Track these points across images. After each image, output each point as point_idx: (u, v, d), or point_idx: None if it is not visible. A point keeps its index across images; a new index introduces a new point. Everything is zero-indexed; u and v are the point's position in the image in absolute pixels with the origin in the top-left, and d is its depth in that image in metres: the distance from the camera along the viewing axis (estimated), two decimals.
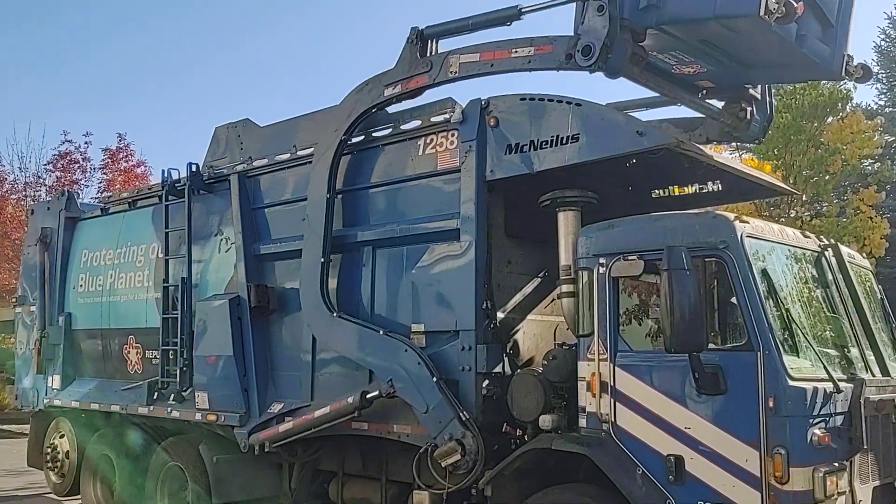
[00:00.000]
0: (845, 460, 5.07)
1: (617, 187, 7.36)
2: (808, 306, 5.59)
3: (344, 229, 7.31)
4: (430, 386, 6.17)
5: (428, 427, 6.25)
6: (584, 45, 5.56)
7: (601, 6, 5.49)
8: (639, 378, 5.44)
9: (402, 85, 6.70)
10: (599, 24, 5.50)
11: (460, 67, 6.38)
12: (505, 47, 6.10)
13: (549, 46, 5.87)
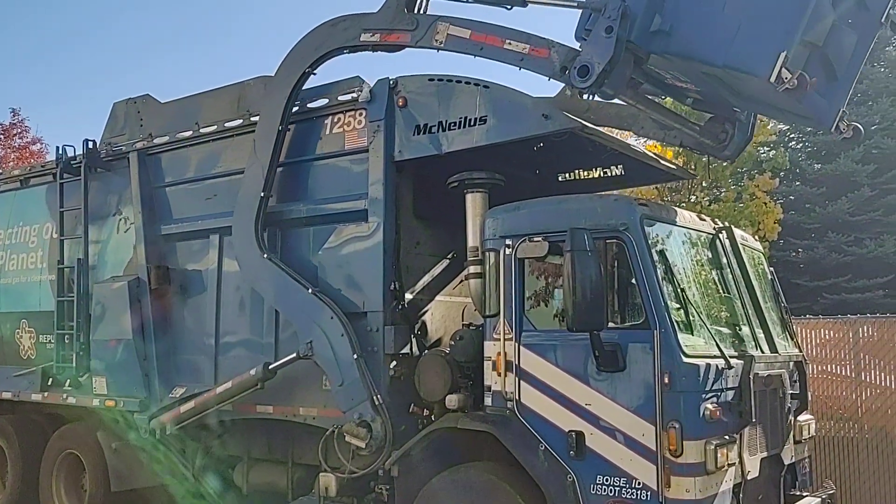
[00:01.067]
0: (735, 433, 5.29)
1: (524, 170, 7.46)
2: (703, 287, 5.80)
3: None
4: (350, 362, 6.11)
5: (338, 400, 6.20)
6: (583, 65, 5.27)
7: (610, 27, 5.18)
8: (542, 357, 5.55)
9: (382, 35, 6.30)
10: (604, 47, 5.20)
11: (447, 39, 6.00)
12: (499, 34, 5.77)
13: (546, 51, 5.60)
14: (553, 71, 5.56)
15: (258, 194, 6.73)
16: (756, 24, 5.07)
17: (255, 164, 6.84)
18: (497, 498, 5.56)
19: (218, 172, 7.54)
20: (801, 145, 24.61)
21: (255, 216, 6.72)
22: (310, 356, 6.32)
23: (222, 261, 7.41)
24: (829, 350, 8.64)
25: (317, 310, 6.35)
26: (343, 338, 6.16)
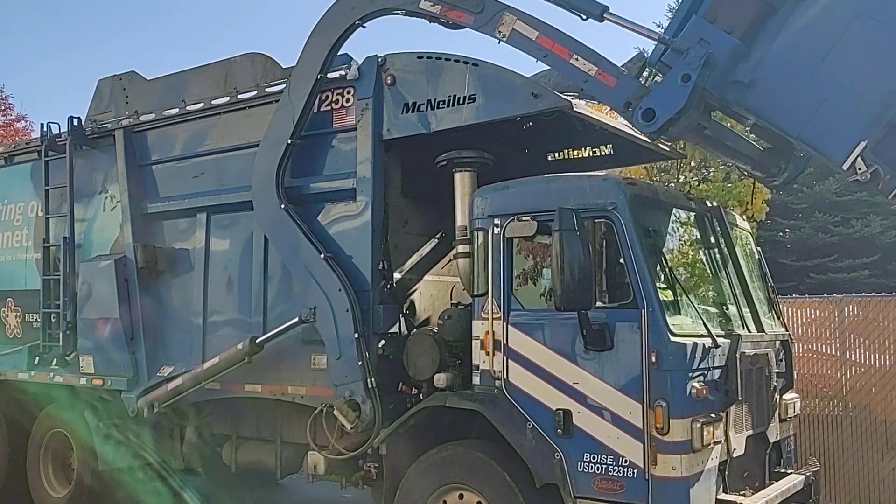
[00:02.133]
0: (721, 411, 5.33)
1: (514, 149, 7.44)
2: (691, 266, 5.82)
3: (236, 188, 7.13)
4: (350, 340, 6.07)
5: (332, 373, 6.19)
6: (649, 108, 5.04)
7: (688, 76, 4.94)
8: (530, 336, 5.56)
9: (443, 9, 5.93)
10: (677, 94, 4.97)
11: (511, 33, 5.64)
12: (568, 46, 5.47)
13: (613, 80, 5.34)
14: (616, 103, 5.37)
15: (285, 140, 6.52)
16: (842, 102, 4.82)
17: (285, 108, 6.58)
18: (485, 475, 5.59)
19: (205, 150, 7.48)
20: None
21: (279, 162, 6.52)
22: (311, 321, 6.26)
23: (210, 240, 7.38)
24: (814, 329, 8.71)
25: (326, 277, 6.25)
26: (347, 313, 6.10)
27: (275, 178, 6.51)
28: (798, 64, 5.00)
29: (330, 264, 6.24)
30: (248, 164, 7.09)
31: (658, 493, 4.98)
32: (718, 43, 5.02)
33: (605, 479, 5.14)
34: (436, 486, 5.80)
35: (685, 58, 5.01)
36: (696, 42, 5.04)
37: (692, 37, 5.09)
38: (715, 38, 5.03)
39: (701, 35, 5.06)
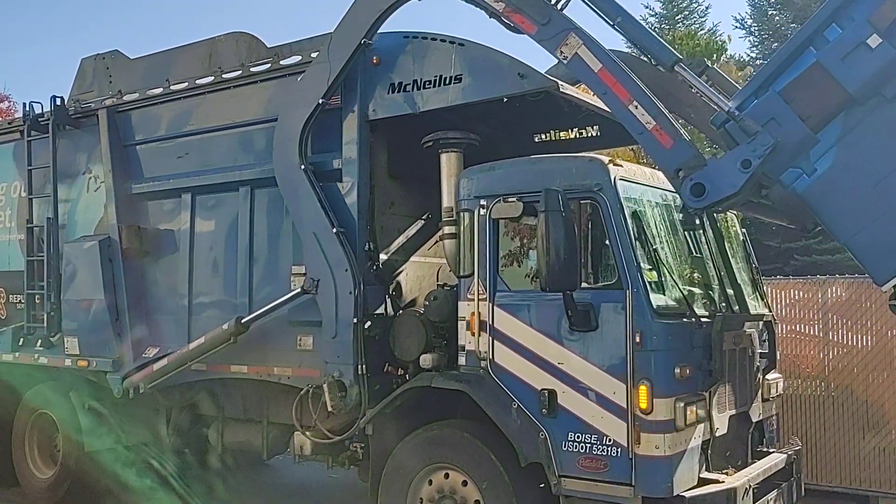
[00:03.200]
0: (704, 391, 5.38)
1: (500, 131, 7.41)
2: (675, 247, 5.83)
3: (221, 169, 7.09)
4: (348, 323, 6.05)
5: (324, 350, 6.19)
6: (700, 183, 4.85)
7: (748, 161, 4.75)
8: (516, 317, 5.58)
9: (507, 8, 5.62)
10: (733, 179, 4.80)
11: (573, 58, 5.33)
12: (631, 91, 5.17)
13: (670, 140, 5.07)
14: (667, 166, 5.13)
15: (316, 99, 6.29)
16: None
17: (321, 67, 6.34)
18: (470, 455, 5.63)
19: (189, 130, 7.43)
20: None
21: (306, 119, 6.32)
22: (313, 293, 6.22)
23: (195, 220, 7.36)
24: (798, 310, 8.76)
25: (335, 252, 6.16)
26: (350, 296, 6.05)
27: (299, 135, 6.31)
28: (863, 169, 4.82)
29: (341, 240, 6.14)
30: (232, 145, 7.08)
31: (641, 471, 5.03)
32: (790, 129, 4.79)
33: (590, 458, 5.19)
34: (422, 466, 5.83)
35: (751, 142, 4.79)
36: (767, 120, 4.81)
37: (763, 113, 4.86)
38: (787, 122, 4.80)
39: (774, 114, 4.83)
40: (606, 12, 5.57)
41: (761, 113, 4.88)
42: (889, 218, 4.73)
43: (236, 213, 7.00)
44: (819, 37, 4.87)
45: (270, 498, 8.39)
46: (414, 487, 5.87)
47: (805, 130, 4.80)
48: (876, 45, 4.67)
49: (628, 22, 5.58)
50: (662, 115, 5.12)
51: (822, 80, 4.75)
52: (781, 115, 4.83)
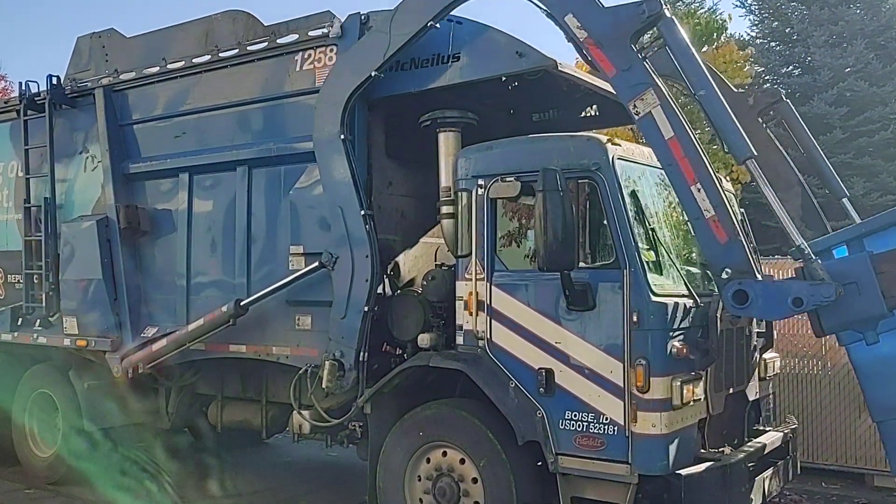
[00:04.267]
0: (701, 370, 5.39)
1: (498, 110, 7.39)
2: (673, 227, 5.84)
3: (219, 148, 7.07)
4: (359, 310, 6.01)
5: (330, 328, 6.15)
6: (743, 292, 4.75)
7: (799, 301, 4.65)
8: (513, 297, 5.59)
9: (589, 41, 5.22)
10: (780, 308, 4.75)
11: (645, 116, 5.05)
12: (697, 169, 4.92)
13: (725, 236, 4.82)
14: (714, 260, 4.96)
15: (369, 70, 6.02)
16: None
17: (379, 37, 6.05)
18: (468, 433, 5.66)
19: (186, 110, 7.40)
20: (775, 87, 24.61)
21: (354, 89, 6.07)
22: (329, 269, 6.16)
23: (192, 200, 7.34)
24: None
25: (359, 234, 6.04)
26: (366, 283, 5.99)
27: (344, 103, 6.09)
28: None
29: (367, 224, 6.04)
30: (230, 124, 7.05)
31: (638, 449, 5.06)
32: (868, 300, 4.62)
33: (587, 437, 5.22)
34: (420, 444, 5.87)
35: (813, 286, 4.64)
36: (848, 283, 4.63)
37: (848, 273, 4.67)
38: (869, 292, 4.61)
39: (857, 279, 4.64)
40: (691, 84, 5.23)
41: (846, 272, 4.72)
42: None
43: (234, 193, 6.98)
44: None
45: (269, 476, 8.44)
46: (412, 465, 5.91)
47: (883, 309, 4.63)
48: None
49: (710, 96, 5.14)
50: (723, 206, 4.89)
51: None
52: (866, 283, 4.64)
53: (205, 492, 7.72)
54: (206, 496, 7.61)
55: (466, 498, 5.67)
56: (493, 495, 5.51)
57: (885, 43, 21.95)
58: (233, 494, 7.70)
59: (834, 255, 4.95)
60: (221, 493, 7.72)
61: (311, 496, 7.79)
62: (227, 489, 7.79)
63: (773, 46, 23.85)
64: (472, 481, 5.64)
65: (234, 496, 7.65)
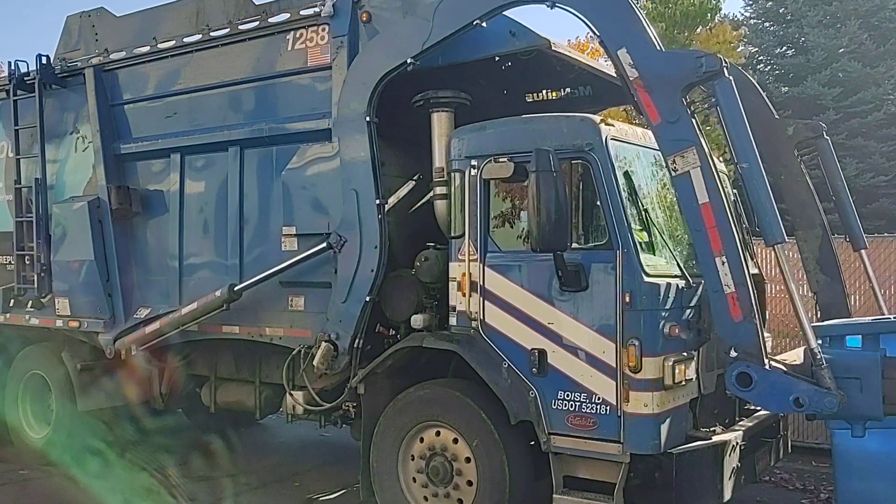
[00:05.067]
0: (693, 350, 5.42)
1: (491, 90, 7.34)
2: (666, 208, 5.84)
3: (210, 128, 7.03)
4: (361, 298, 6.00)
5: (330, 311, 6.17)
6: (746, 375, 4.73)
7: (800, 402, 4.64)
8: (507, 277, 5.60)
9: (637, 80, 5.03)
10: (780, 402, 4.75)
11: (682, 174, 4.88)
12: (725, 241, 4.84)
13: (741, 315, 4.78)
14: (724, 335, 4.91)
15: (405, 55, 5.84)
16: None
17: (419, 24, 5.85)
18: (461, 413, 5.69)
19: (178, 90, 7.35)
20: (769, 68, 24.51)
21: (386, 72, 5.92)
22: (336, 252, 6.11)
23: (184, 181, 7.32)
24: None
25: (370, 221, 5.98)
26: (371, 273, 5.96)
27: (374, 85, 5.96)
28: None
29: (380, 213, 5.98)
30: (221, 104, 7.01)
31: (630, 429, 5.09)
32: (867, 400, 4.58)
33: (579, 416, 5.25)
34: (413, 424, 5.89)
35: (817, 393, 4.58)
36: (851, 377, 4.60)
37: (854, 368, 4.64)
38: (870, 394, 4.56)
39: (862, 376, 4.60)
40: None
41: (853, 366, 4.67)
42: None
43: (226, 174, 6.96)
44: None
45: (263, 457, 8.47)
46: (405, 445, 5.93)
47: (880, 413, 4.60)
48: None
49: None
50: (745, 286, 4.79)
51: None
52: (870, 383, 4.60)
53: (199, 472, 7.75)
54: (201, 476, 7.64)
55: (459, 477, 5.71)
56: (486, 475, 5.55)
57: (878, 23, 21.88)
58: (227, 474, 7.72)
59: (847, 344, 4.89)
60: (216, 473, 7.74)
61: (304, 476, 7.83)
62: (222, 469, 7.82)
63: (766, 27, 23.73)
64: (466, 461, 5.67)
65: (228, 476, 7.68)
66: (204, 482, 7.50)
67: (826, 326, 5.30)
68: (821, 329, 5.05)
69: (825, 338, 4.88)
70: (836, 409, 4.56)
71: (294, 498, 7.18)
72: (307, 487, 7.45)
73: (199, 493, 7.16)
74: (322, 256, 6.25)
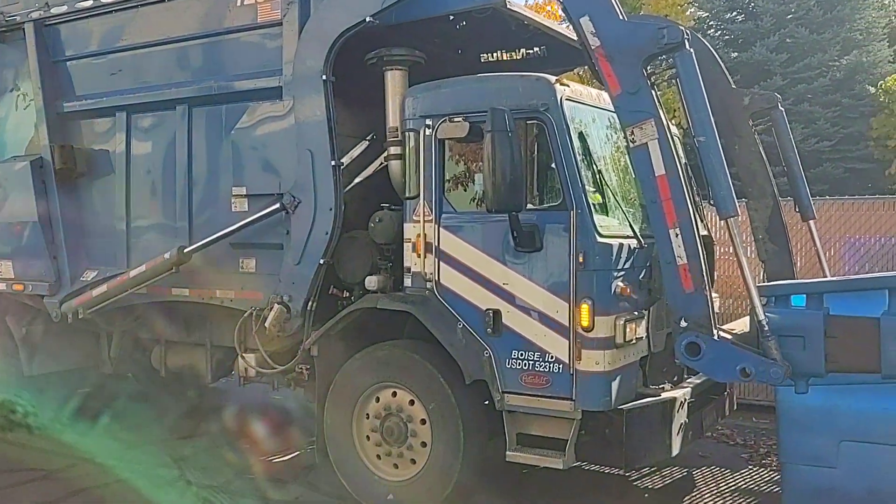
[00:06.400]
0: (644, 309, 5.53)
1: (446, 49, 7.26)
2: (620, 170, 5.88)
3: (157, 86, 6.84)
4: (315, 261, 5.93)
5: (282, 273, 6.10)
6: (695, 345, 4.80)
7: (746, 372, 4.72)
8: (462, 238, 5.61)
9: (599, 49, 5.00)
10: (727, 371, 4.84)
11: (639, 145, 4.94)
12: (680, 214, 4.89)
13: (692, 286, 4.83)
14: (675, 306, 4.97)
15: (364, 13, 5.71)
16: None
17: None
18: (417, 374, 5.72)
19: (123, 46, 7.12)
20: (718, 33, 24.75)
21: (345, 30, 5.78)
22: (289, 212, 6.02)
23: (130, 141, 7.12)
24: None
25: (325, 184, 5.88)
26: (326, 236, 5.89)
27: (331, 42, 5.82)
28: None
29: (335, 175, 5.87)
30: (168, 61, 6.81)
31: (582, 386, 5.18)
32: (810, 357, 4.67)
33: (532, 375, 5.32)
34: (368, 385, 5.91)
35: (763, 363, 4.68)
36: (796, 335, 4.69)
37: (798, 326, 4.72)
38: (813, 350, 4.66)
39: (806, 334, 4.68)
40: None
41: (797, 324, 4.76)
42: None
43: (173, 133, 6.79)
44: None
45: (215, 420, 8.41)
46: (360, 405, 5.95)
47: (821, 370, 4.69)
48: None
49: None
50: (697, 257, 4.85)
51: (871, 339, 4.56)
52: (813, 341, 4.68)
53: (150, 435, 7.67)
54: (150, 440, 7.56)
55: (414, 438, 5.75)
56: (440, 436, 5.60)
57: None
58: (180, 438, 7.66)
59: (792, 303, 4.98)
60: (168, 436, 7.68)
61: (257, 438, 7.79)
62: (172, 433, 7.75)
63: None
64: (421, 422, 5.72)
65: (181, 439, 7.62)
66: (153, 446, 7.43)
67: (772, 286, 5.43)
68: (767, 289, 5.17)
69: (771, 297, 5.00)
70: (781, 381, 4.67)
71: (246, 460, 7.16)
72: (260, 449, 7.43)
73: (148, 457, 7.09)
74: (274, 218, 6.17)
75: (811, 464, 4.94)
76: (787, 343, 4.71)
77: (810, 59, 21.64)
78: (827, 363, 4.67)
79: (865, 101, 21.94)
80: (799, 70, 21.79)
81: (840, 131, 21.47)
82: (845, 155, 21.62)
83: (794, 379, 4.75)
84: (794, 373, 4.69)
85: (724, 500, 6.31)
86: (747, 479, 6.78)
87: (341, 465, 6.04)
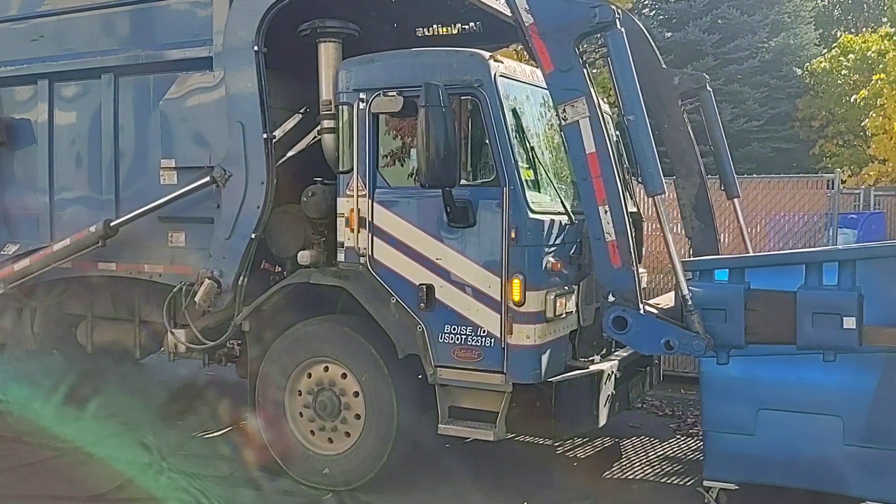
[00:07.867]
0: (574, 284, 5.64)
1: (381, 23, 7.20)
2: (552, 147, 5.95)
3: (82, 54, 6.61)
4: (246, 235, 5.85)
5: (213, 247, 6.02)
6: (622, 319, 4.90)
7: (670, 345, 4.86)
8: (395, 213, 5.61)
9: (533, 27, 5.06)
10: (651, 344, 4.97)
11: (570, 123, 5.00)
12: (609, 191, 4.97)
13: (619, 262, 4.94)
14: (604, 281, 5.06)
15: None
16: None
17: None
18: (349, 348, 5.72)
19: (45, 10, 6.89)
20: (653, 13, 25.13)
21: (276, 0, 5.72)
22: (220, 185, 5.91)
23: (53, 110, 6.90)
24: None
25: (257, 157, 5.79)
26: (257, 210, 5.80)
27: (263, 12, 5.75)
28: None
29: (267, 147, 5.78)
30: (93, 27, 6.59)
31: (513, 360, 5.27)
32: (731, 331, 4.81)
33: (464, 349, 5.38)
34: (300, 360, 5.89)
35: (686, 337, 4.82)
36: (718, 308, 4.81)
37: (720, 299, 4.84)
38: (733, 323, 4.79)
39: (727, 307, 4.81)
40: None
41: (719, 298, 4.88)
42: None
43: (99, 103, 6.59)
44: (815, 270, 4.73)
45: (145, 396, 8.27)
46: (292, 380, 5.93)
47: (741, 342, 4.83)
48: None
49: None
50: (625, 235, 4.96)
51: (788, 311, 4.70)
52: (733, 314, 4.81)
53: (75, 414, 7.48)
54: (76, 418, 7.38)
55: (347, 411, 5.77)
56: (374, 408, 5.63)
57: None
58: (107, 415, 7.50)
59: (715, 277, 5.13)
60: (94, 413, 7.51)
61: (189, 414, 7.70)
62: (100, 410, 7.58)
63: None
64: (354, 395, 5.73)
65: (108, 416, 7.46)
66: (80, 423, 7.26)
67: (696, 262, 5.59)
68: (691, 264, 5.32)
69: (695, 272, 5.15)
70: (703, 353, 4.83)
71: (178, 437, 7.08)
72: (191, 426, 7.34)
73: (75, 436, 6.92)
74: (204, 191, 6.06)
75: (731, 431, 5.12)
76: (709, 316, 4.86)
77: (741, 40, 22.16)
78: (746, 335, 4.84)
79: (792, 82, 22.62)
80: (730, 51, 22.29)
81: (768, 111, 22.10)
82: (772, 135, 22.28)
83: (715, 350, 4.91)
84: (715, 344, 4.85)
85: (652, 467, 6.52)
86: (675, 448, 7.01)
87: (274, 443, 6.02)
